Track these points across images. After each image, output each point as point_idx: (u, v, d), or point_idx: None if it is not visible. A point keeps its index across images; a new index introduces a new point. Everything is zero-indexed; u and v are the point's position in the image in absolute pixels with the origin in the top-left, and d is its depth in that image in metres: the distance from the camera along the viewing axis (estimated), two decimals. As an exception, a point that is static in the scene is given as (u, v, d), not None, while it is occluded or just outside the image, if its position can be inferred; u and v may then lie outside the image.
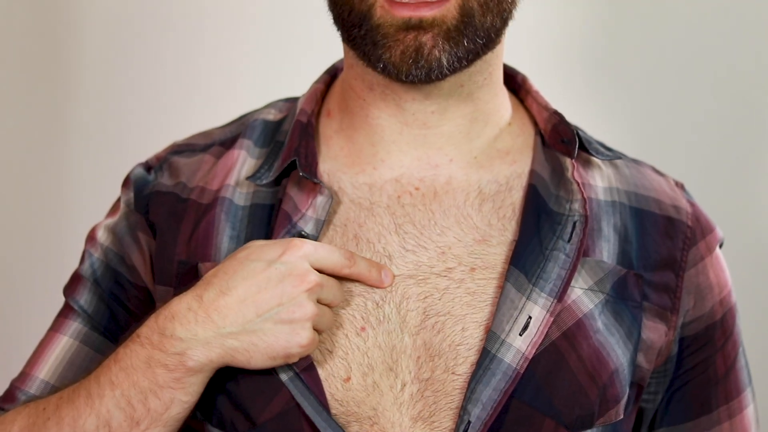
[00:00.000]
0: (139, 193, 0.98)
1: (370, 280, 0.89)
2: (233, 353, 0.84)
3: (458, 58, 0.87)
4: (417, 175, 0.93)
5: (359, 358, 0.87)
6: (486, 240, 0.91)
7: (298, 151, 0.93)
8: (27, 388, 0.96)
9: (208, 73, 1.72)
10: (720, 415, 0.98)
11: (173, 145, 1.02)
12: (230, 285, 0.84)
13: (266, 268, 0.85)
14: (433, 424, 0.86)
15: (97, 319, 0.97)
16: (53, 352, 0.97)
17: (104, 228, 0.99)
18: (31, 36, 1.67)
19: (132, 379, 0.85)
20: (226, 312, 0.84)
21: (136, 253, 0.97)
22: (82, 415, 0.87)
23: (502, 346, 0.86)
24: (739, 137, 1.68)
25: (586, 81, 1.71)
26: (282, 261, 0.85)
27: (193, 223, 0.94)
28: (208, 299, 0.84)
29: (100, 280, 0.98)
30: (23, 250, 1.71)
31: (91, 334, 0.97)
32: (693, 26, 1.68)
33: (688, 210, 0.97)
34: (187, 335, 0.84)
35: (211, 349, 0.84)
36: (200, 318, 0.84)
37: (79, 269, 1.00)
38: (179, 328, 0.84)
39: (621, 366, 0.89)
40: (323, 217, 0.91)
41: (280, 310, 0.84)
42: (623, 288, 0.91)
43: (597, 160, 0.97)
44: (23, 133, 1.69)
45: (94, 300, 0.97)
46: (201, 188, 0.96)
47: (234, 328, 0.84)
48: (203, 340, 0.84)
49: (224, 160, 0.97)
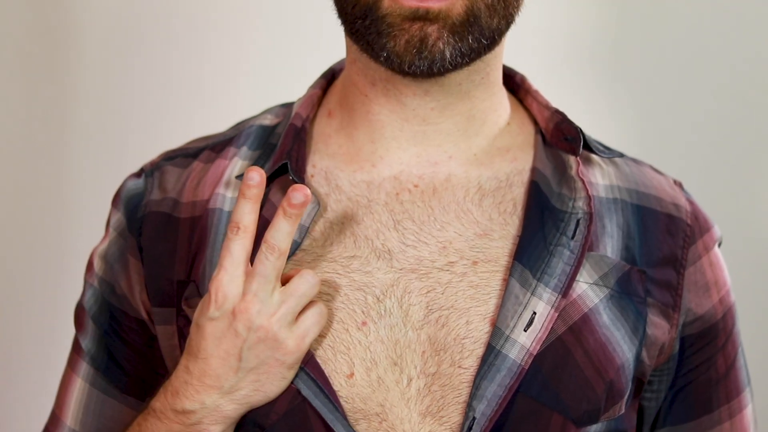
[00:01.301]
0: (133, 215, 0.98)
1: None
2: (247, 400, 0.86)
3: (461, 53, 0.87)
4: (416, 172, 0.93)
5: (361, 352, 0.87)
6: (487, 234, 0.91)
7: (290, 154, 0.93)
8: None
9: (209, 73, 1.72)
10: (721, 414, 0.98)
11: (166, 152, 1.02)
12: (204, 351, 0.85)
13: (217, 322, 0.85)
14: (441, 419, 0.86)
15: (98, 360, 0.99)
16: (73, 395, 1.00)
17: (99, 257, 1.00)
18: (31, 36, 1.67)
19: None
20: (217, 373, 0.85)
21: (123, 281, 0.97)
22: None
23: (507, 342, 0.86)
24: (739, 137, 1.68)
25: (586, 81, 1.71)
26: (217, 309, 0.85)
27: (187, 241, 0.94)
28: (195, 370, 0.86)
29: (97, 317, 0.99)
30: (23, 250, 1.71)
31: (97, 376, 0.99)
32: (693, 26, 1.68)
33: (687, 208, 0.98)
34: (196, 406, 0.86)
35: (223, 409, 0.86)
36: (199, 388, 0.86)
37: (81, 300, 1.01)
38: (187, 402, 0.86)
39: (627, 361, 0.89)
40: (307, 224, 0.91)
41: (250, 341, 0.84)
42: (627, 283, 0.92)
43: (598, 159, 0.98)
44: (23, 133, 1.69)
45: (94, 342, 0.99)
46: (192, 203, 0.96)
47: (231, 381, 0.85)
48: (212, 406, 0.86)
49: (215, 166, 0.97)
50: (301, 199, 0.83)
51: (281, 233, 0.83)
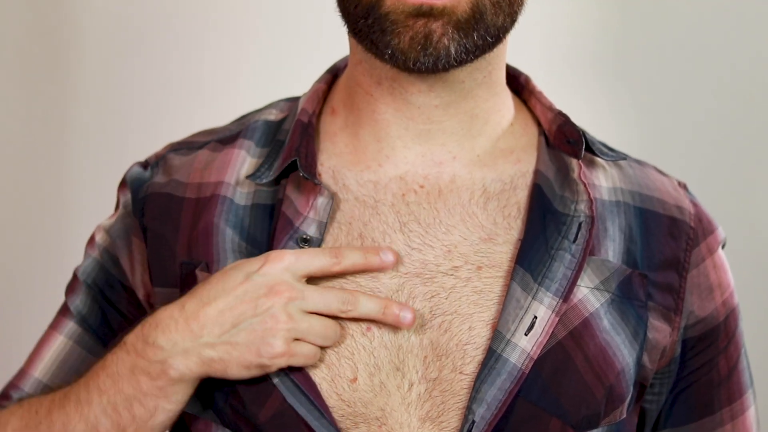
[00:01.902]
0: (136, 196, 0.98)
1: (372, 266, 0.88)
2: (210, 363, 0.85)
3: (466, 50, 0.87)
4: (421, 172, 0.93)
5: (365, 358, 0.87)
6: (492, 238, 0.91)
7: (298, 151, 0.93)
8: (22, 386, 0.99)
9: (209, 73, 1.72)
10: (723, 416, 0.98)
11: (171, 144, 1.02)
12: (211, 296, 0.86)
13: (245, 280, 0.85)
14: (441, 424, 0.86)
15: (90, 320, 0.99)
16: (49, 351, 0.99)
17: (103, 231, 1.00)
18: (31, 36, 1.67)
19: (117, 386, 0.87)
20: (204, 322, 0.85)
21: (125, 257, 0.98)
22: (71, 421, 0.89)
23: (508, 345, 0.86)
24: (739, 137, 1.68)
25: (585, 81, 1.71)
26: (260, 273, 0.86)
27: (191, 221, 0.94)
28: (189, 309, 0.86)
29: (94, 282, 0.99)
30: (23, 250, 1.71)
31: (84, 335, 0.99)
32: (693, 26, 1.68)
33: (690, 210, 0.98)
34: (168, 344, 0.85)
35: (189, 358, 0.85)
36: (180, 327, 0.85)
37: (77, 269, 1.01)
38: (161, 337, 0.86)
39: (627, 366, 0.89)
40: (325, 219, 0.91)
41: (254, 321, 0.84)
42: (629, 287, 0.91)
43: (601, 161, 0.97)
44: (23, 133, 1.69)
45: (88, 301, 0.99)
46: (198, 184, 0.96)
47: (211, 338, 0.85)
48: (182, 349, 0.85)
49: (223, 156, 0.97)
50: (409, 320, 0.86)
51: (365, 308, 0.86)
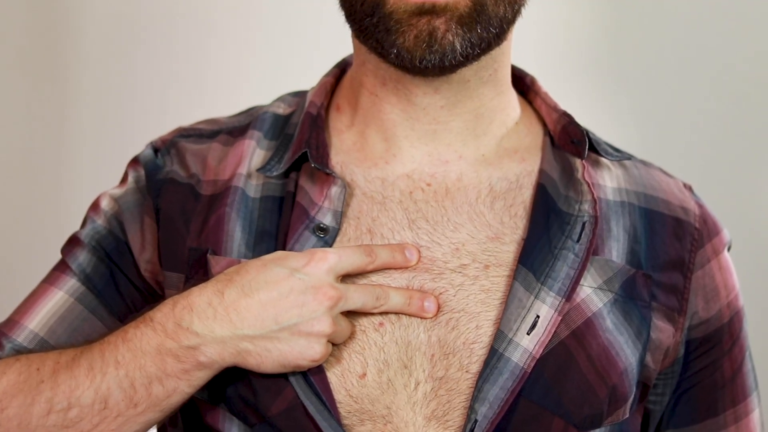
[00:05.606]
0: (152, 176, 0.97)
1: (398, 264, 0.89)
2: (246, 356, 0.84)
3: (471, 44, 0.87)
4: (428, 171, 0.94)
5: (376, 353, 0.87)
6: (499, 238, 0.91)
7: (308, 143, 0.93)
8: (15, 337, 0.94)
9: (209, 73, 1.72)
10: (726, 418, 0.98)
11: (179, 129, 1.02)
12: (253, 287, 0.84)
13: (289, 276, 0.84)
14: (446, 423, 0.86)
15: (96, 279, 0.96)
16: (45, 304, 0.95)
17: (110, 197, 0.98)
18: (31, 36, 1.67)
19: (139, 362, 0.85)
20: (246, 314, 0.84)
21: (135, 232, 0.96)
22: (80, 386, 0.86)
23: (510, 345, 0.86)
24: (739, 137, 1.69)
25: (585, 81, 1.71)
26: (305, 272, 0.85)
27: (204, 213, 0.94)
28: (229, 297, 0.84)
29: (99, 244, 0.96)
30: (23, 250, 1.71)
31: (88, 294, 0.95)
32: (692, 26, 1.68)
33: (696, 212, 0.98)
34: (204, 331, 0.84)
35: (225, 348, 0.84)
36: (219, 315, 0.84)
37: (78, 233, 0.98)
38: (197, 322, 0.84)
39: (630, 365, 0.89)
40: (340, 208, 0.91)
41: (300, 322, 0.84)
42: (632, 287, 0.92)
43: (606, 161, 0.98)
44: (23, 132, 1.69)
45: (94, 260, 0.96)
46: (213, 181, 0.96)
47: (251, 331, 0.84)
48: (219, 338, 0.84)
49: (234, 149, 0.97)
50: (432, 309, 0.87)
51: (394, 301, 0.87)
